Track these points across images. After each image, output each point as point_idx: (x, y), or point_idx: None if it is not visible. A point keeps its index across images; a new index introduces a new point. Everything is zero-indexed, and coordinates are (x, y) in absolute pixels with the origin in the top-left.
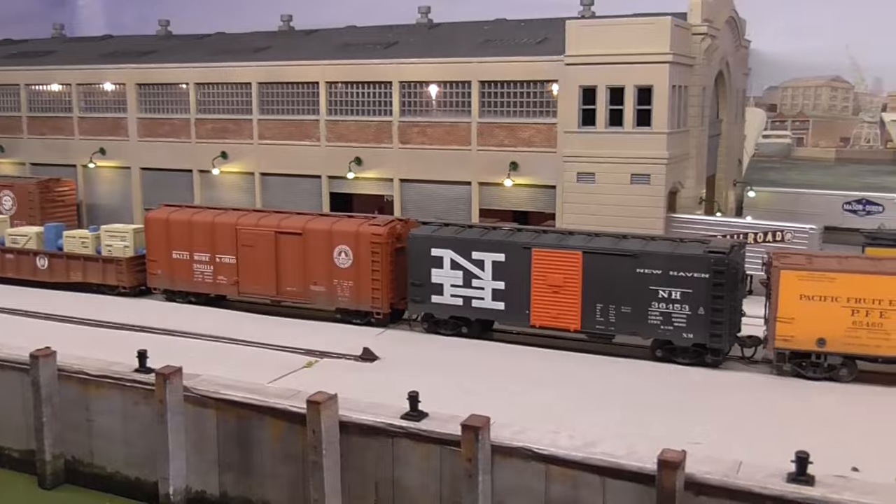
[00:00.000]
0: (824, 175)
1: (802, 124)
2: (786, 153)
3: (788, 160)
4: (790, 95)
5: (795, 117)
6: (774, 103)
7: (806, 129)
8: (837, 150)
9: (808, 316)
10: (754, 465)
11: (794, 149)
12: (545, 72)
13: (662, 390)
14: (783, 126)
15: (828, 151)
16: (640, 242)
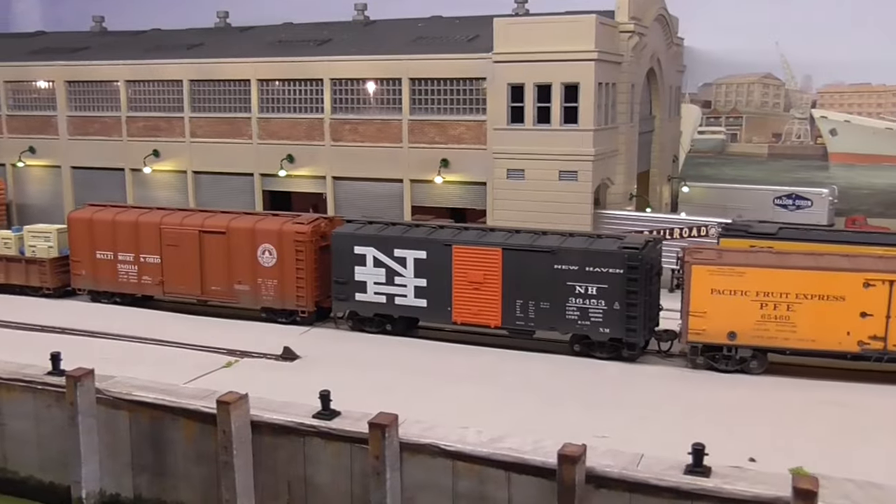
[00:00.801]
0: (757, 170)
1: (736, 120)
2: (720, 149)
3: (723, 156)
4: (724, 92)
5: (729, 114)
6: (709, 100)
7: (740, 126)
8: (770, 146)
9: (719, 310)
10: (655, 458)
11: (729, 144)
12: (474, 69)
13: (577, 385)
14: (718, 122)
15: (760, 147)
16: (558, 239)
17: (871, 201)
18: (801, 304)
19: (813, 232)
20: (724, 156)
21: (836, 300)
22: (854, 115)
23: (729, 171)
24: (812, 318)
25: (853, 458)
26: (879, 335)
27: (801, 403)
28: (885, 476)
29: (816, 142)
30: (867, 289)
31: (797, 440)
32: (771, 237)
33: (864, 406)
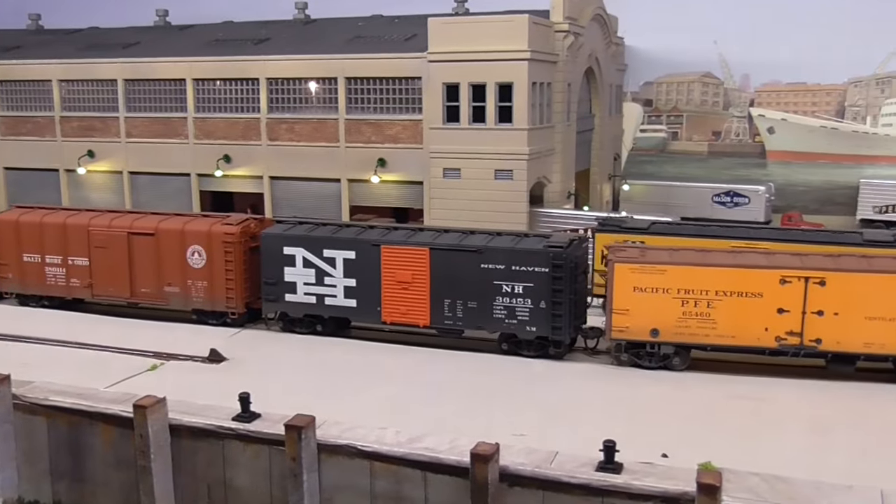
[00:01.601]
0: (698, 168)
1: (677, 119)
2: (662, 147)
3: (665, 153)
4: (665, 91)
5: (670, 112)
6: (651, 98)
7: (680, 124)
8: (710, 144)
9: (642, 307)
10: (570, 455)
11: (670, 142)
12: (410, 69)
13: (503, 383)
14: (659, 120)
15: (701, 145)
16: (485, 238)
17: (808, 198)
18: (721, 301)
19: (683, 227)
20: (666, 153)
21: (754, 297)
22: (790, 113)
23: (670, 168)
24: (731, 315)
25: (764, 452)
26: (796, 331)
27: (720, 399)
28: (794, 469)
29: (755, 140)
30: (783, 285)
31: (712, 435)
32: (643, 232)
33: (780, 400)
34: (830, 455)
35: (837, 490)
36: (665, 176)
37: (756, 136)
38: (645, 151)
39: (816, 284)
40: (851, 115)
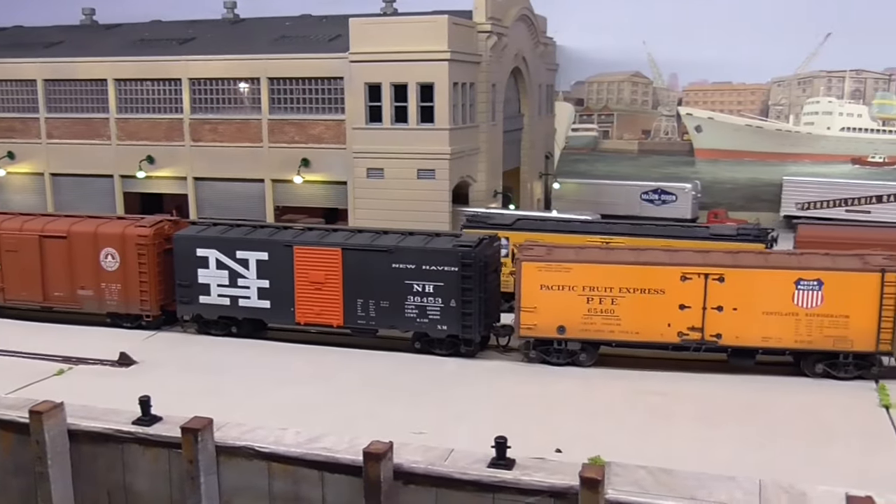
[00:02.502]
0: (629, 166)
1: (608, 118)
2: (593, 145)
3: (596, 152)
4: (595, 90)
5: (601, 111)
6: (582, 98)
7: (611, 123)
8: (640, 143)
9: (549, 305)
10: (465, 452)
11: (602, 141)
12: (332, 69)
13: (413, 382)
14: (590, 119)
15: (631, 143)
16: (396, 238)
17: (735, 195)
18: (625, 297)
19: (546, 222)
20: (598, 152)
21: (657, 293)
22: (717, 112)
23: (602, 167)
24: (635, 311)
25: (659, 446)
26: (697, 326)
27: (623, 394)
28: (686, 462)
29: (683, 138)
30: (684, 282)
31: (612, 430)
32: (507, 228)
33: (681, 395)
34: (722, 447)
35: (719, 481)
36: (597, 174)
37: (684, 134)
38: (577, 150)
39: (716, 281)
40: (775, 113)
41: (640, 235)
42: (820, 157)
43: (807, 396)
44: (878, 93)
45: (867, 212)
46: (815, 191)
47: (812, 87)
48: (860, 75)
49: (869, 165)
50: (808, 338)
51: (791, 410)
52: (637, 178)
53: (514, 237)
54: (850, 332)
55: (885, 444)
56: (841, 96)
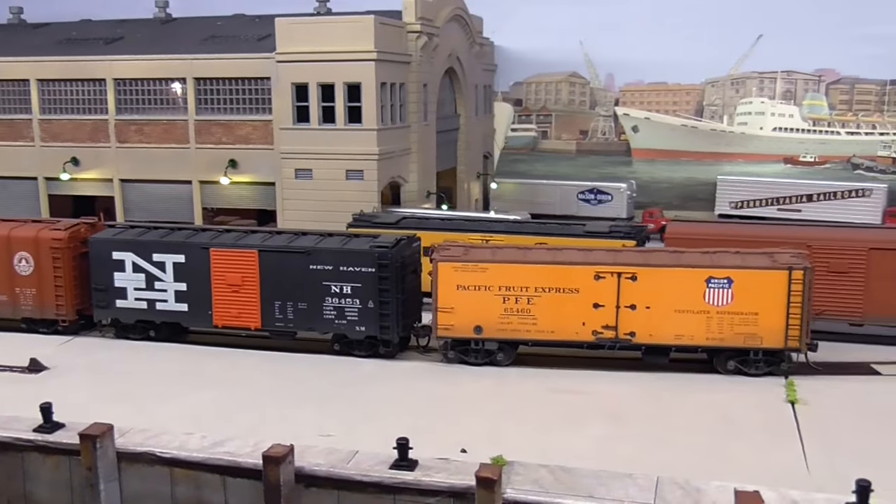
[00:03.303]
0: (568, 166)
1: (546, 118)
2: (532, 146)
3: (535, 152)
4: (534, 90)
5: (540, 111)
6: (520, 98)
7: (550, 123)
8: (578, 143)
9: (466, 305)
10: (369, 454)
11: (540, 141)
12: (259, 69)
13: (330, 384)
14: (529, 120)
15: (569, 144)
16: (314, 239)
17: (671, 194)
18: (540, 297)
19: (430, 221)
20: (537, 152)
21: (571, 293)
22: (653, 112)
23: (541, 167)
24: (550, 311)
25: (567, 444)
26: (611, 325)
27: (539, 392)
28: (591, 460)
29: (620, 138)
30: (598, 281)
31: (520, 429)
32: (392, 226)
33: (594, 393)
34: (628, 444)
35: (617, 479)
36: (537, 174)
37: (622, 134)
38: (517, 150)
39: (628, 279)
40: (709, 114)
41: (518, 233)
42: (753, 156)
43: (717, 393)
44: (808, 94)
45: (798, 210)
46: (748, 190)
47: (745, 88)
48: (791, 76)
49: (800, 165)
50: (720, 335)
51: (699, 407)
52: (575, 178)
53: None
54: (760, 329)
55: (787, 439)
56: (773, 97)
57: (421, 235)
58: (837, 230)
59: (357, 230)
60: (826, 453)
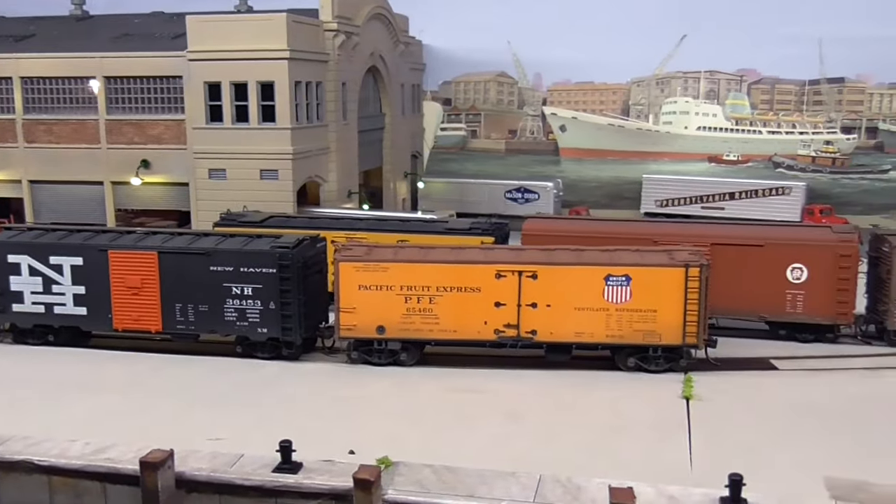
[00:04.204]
0: (497, 165)
1: (475, 117)
2: (462, 145)
3: (465, 151)
4: (462, 90)
5: (469, 110)
6: (449, 97)
7: (479, 122)
8: (507, 142)
9: (368, 305)
10: (254, 457)
11: (470, 140)
12: (171, 67)
13: (225, 387)
14: (458, 119)
15: (499, 143)
16: (215, 240)
17: (599, 193)
18: (442, 296)
19: (295, 220)
20: (466, 151)
21: (473, 292)
22: (581, 112)
23: (471, 166)
24: (452, 310)
25: (458, 443)
26: (512, 323)
27: (439, 392)
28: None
29: (548, 137)
30: (499, 280)
31: (414, 429)
32: (257, 225)
33: (495, 391)
34: (519, 442)
35: (500, 477)
36: (466, 173)
37: (550, 133)
38: (446, 149)
39: (529, 278)
40: (635, 113)
41: (380, 231)
42: (678, 155)
43: (615, 391)
44: (730, 93)
45: (721, 208)
46: (673, 188)
47: (669, 88)
48: (714, 76)
49: (724, 163)
50: (619, 332)
51: (595, 404)
52: (505, 177)
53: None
54: (658, 325)
55: (675, 434)
56: (697, 96)
57: (284, 233)
58: (684, 226)
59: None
60: (711, 448)
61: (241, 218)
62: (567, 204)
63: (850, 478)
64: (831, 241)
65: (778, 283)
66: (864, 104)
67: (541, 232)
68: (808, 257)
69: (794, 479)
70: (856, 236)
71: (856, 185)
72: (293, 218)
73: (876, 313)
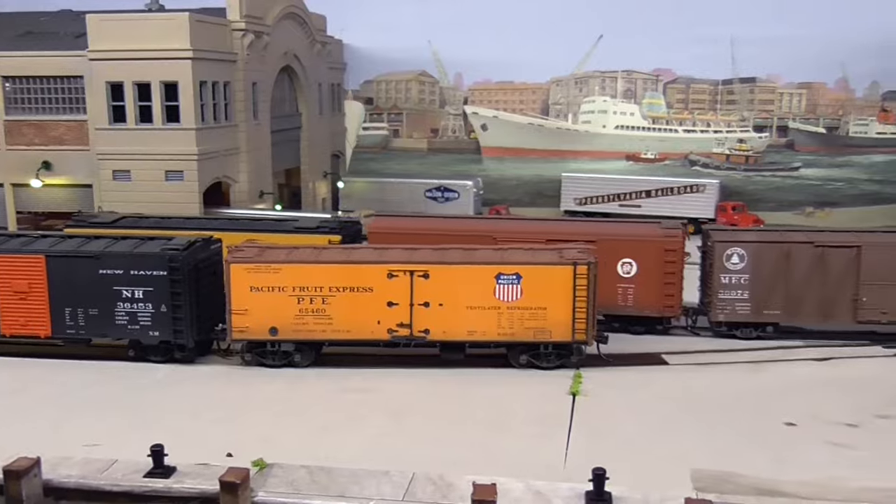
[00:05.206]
0: (419, 164)
1: (397, 116)
2: (384, 144)
3: (387, 151)
4: (384, 89)
5: (390, 110)
6: (371, 97)
7: (401, 121)
8: (429, 141)
9: (260, 306)
10: (128, 462)
11: (392, 140)
12: (72, 67)
13: (112, 391)
14: (381, 118)
15: (421, 142)
16: (105, 243)
17: (520, 191)
18: (335, 296)
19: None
20: (389, 151)
21: (366, 291)
22: (501, 111)
23: (394, 165)
24: (345, 310)
25: (339, 443)
26: (405, 322)
27: (329, 392)
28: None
29: (470, 136)
30: (391, 279)
31: (299, 430)
32: (109, 225)
33: (382, 391)
34: (401, 441)
35: (373, 476)
36: (389, 173)
37: (471, 132)
38: (368, 149)
39: (421, 277)
40: (555, 112)
41: (231, 230)
42: (597, 153)
43: (505, 387)
44: (647, 93)
45: (638, 206)
46: (591, 186)
47: (588, 87)
48: (631, 76)
49: (642, 162)
50: (511, 330)
51: (483, 401)
52: (427, 176)
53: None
54: (549, 323)
55: (556, 431)
56: (614, 96)
57: (138, 234)
58: (522, 223)
59: (76, 231)
60: (589, 443)
61: (91, 219)
62: (488, 202)
63: (716, 469)
64: (658, 237)
65: (610, 278)
66: (775, 103)
67: (384, 230)
68: (637, 252)
69: (664, 471)
70: (681, 232)
71: (768, 182)
72: (145, 218)
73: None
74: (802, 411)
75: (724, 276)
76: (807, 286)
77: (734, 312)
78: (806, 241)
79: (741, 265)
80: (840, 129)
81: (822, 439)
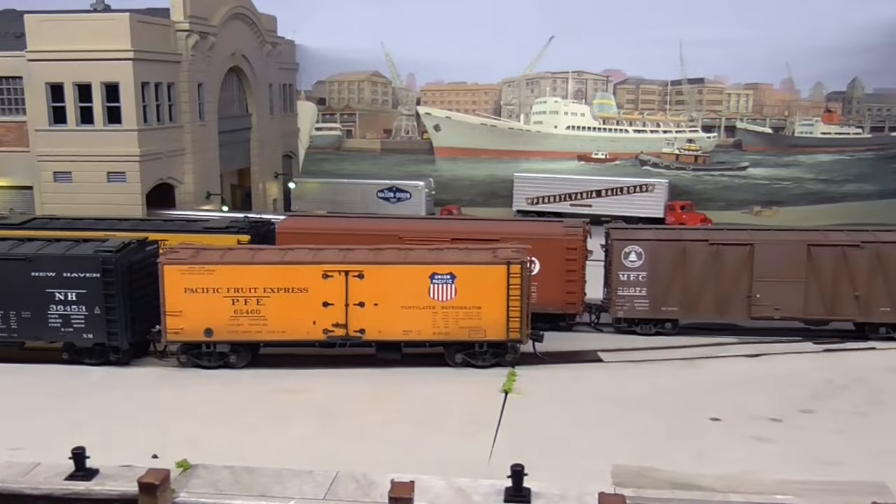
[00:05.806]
0: (373, 165)
1: (350, 117)
2: (337, 145)
3: (341, 151)
4: (337, 89)
5: (343, 110)
6: (324, 97)
7: (354, 122)
8: (382, 142)
9: (195, 308)
10: (50, 465)
11: (345, 140)
12: (10, 68)
13: (43, 394)
14: (334, 119)
15: (374, 142)
16: (38, 245)
17: (474, 192)
18: (270, 297)
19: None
20: (342, 151)
21: (301, 292)
22: (454, 111)
23: (347, 166)
24: (280, 311)
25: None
26: (341, 322)
27: (261, 393)
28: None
29: (423, 137)
30: (326, 280)
31: (228, 430)
32: (19, 227)
33: (317, 391)
34: (327, 441)
35: (296, 476)
36: (343, 173)
37: (424, 133)
38: (322, 149)
39: (356, 278)
40: (507, 113)
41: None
42: (549, 154)
43: (438, 386)
44: (597, 93)
45: (589, 205)
46: (543, 186)
47: (539, 88)
48: (581, 76)
49: (593, 162)
50: (446, 329)
51: (415, 400)
52: (380, 177)
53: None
54: (483, 322)
55: (484, 428)
56: (565, 96)
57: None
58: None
59: None
60: (516, 440)
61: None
62: (441, 203)
63: (637, 465)
64: (559, 235)
65: None
66: (723, 104)
67: (293, 230)
68: (539, 251)
69: (586, 467)
70: (581, 230)
71: (716, 181)
72: (55, 219)
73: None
74: (728, 406)
75: (622, 274)
76: (703, 283)
77: (633, 309)
78: (701, 238)
79: (639, 263)
80: (786, 130)
81: (744, 434)
